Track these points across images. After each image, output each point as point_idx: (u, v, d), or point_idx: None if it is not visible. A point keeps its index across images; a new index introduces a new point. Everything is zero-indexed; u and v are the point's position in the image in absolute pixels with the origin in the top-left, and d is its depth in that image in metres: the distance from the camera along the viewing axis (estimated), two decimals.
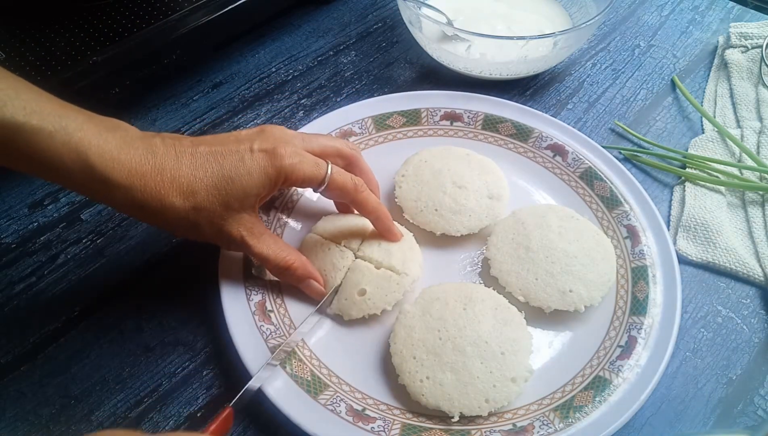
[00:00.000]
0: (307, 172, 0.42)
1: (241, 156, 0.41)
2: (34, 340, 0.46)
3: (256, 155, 0.41)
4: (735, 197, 0.55)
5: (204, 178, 0.40)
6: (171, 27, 0.59)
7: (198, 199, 0.40)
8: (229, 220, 0.41)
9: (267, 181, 0.41)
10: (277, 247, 0.43)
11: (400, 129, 0.58)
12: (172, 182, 0.39)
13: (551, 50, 0.59)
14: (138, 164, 0.39)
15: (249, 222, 0.42)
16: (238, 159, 0.41)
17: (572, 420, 0.40)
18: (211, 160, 0.40)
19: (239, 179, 0.40)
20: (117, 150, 0.38)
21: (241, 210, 0.42)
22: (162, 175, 0.39)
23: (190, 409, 0.43)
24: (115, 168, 0.38)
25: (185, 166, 0.40)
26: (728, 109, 0.62)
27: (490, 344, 0.42)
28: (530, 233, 0.48)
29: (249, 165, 0.41)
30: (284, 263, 0.44)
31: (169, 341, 0.46)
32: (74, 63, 0.55)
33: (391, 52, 0.69)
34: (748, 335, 0.47)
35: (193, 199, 0.40)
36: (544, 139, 0.56)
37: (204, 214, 0.41)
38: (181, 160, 0.40)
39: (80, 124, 0.37)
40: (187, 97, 0.64)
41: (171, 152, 0.40)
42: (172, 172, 0.40)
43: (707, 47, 0.69)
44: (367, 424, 0.40)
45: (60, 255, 0.51)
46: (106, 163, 0.38)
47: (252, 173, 0.41)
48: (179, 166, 0.40)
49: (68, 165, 0.37)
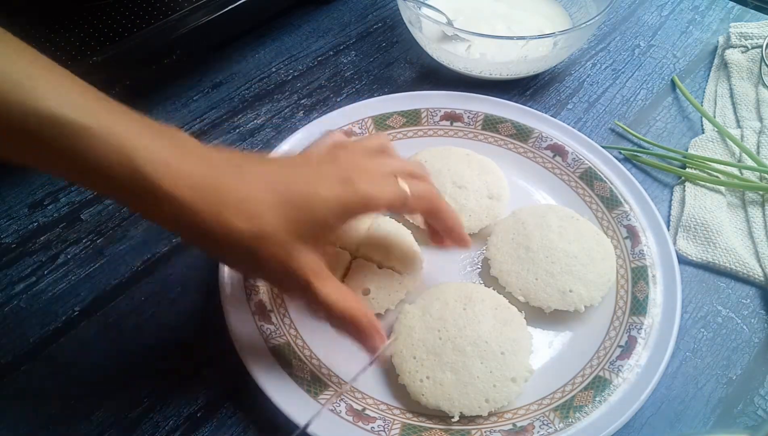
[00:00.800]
0: (386, 197, 0.38)
1: (314, 182, 0.36)
2: (33, 340, 0.46)
3: (330, 182, 0.36)
4: (735, 197, 0.55)
5: (272, 202, 0.35)
6: (171, 27, 0.59)
7: (262, 223, 0.34)
8: (294, 254, 0.35)
9: (341, 210, 0.36)
10: (342, 294, 0.37)
11: (400, 129, 0.58)
12: (235, 202, 0.34)
13: (551, 50, 0.59)
14: (194, 175, 0.33)
15: (315, 263, 0.36)
16: (311, 185, 0.36)
17: (572, 420, 0.40)
18: (280, 183, 0.35)
19: (310, 206, 0.35)
20: (171, 157, 0.33)
21: (309, 243, 0.36)
22: (220, 191, 0.34)
23: (190, 409, 0.43)
24: (166, 176, 0.32)
25: (249, 184, 0.35)
26: (728, 109, 0.62)
27: (490, 343, 0.42)
28: (530, 233, 0.48)
29: (323, 193, 0.36)
30: (349, 314, 0.37)
31: (168, 340, 0.46)
32: (74, 63, 0.55)
33: (391, 52, 0.69)
34: (748, 335, 0.47)
35: (257, 222, 0.34)
36: (544, 139, 0.56)
37: (267, 244, 0.34)
38: (245, 178, 0.35)
39: (133, 126, 0.33)
40: (187, 97, 0.64)
41: (234, 170, 0.35)
42: (235, 193, 0.34)
43: (707, 47, 0.69)
44: (367, 424, 0.40)
45: (60, 255, 0.51)
46: (158, 169, 0.32)
47: (325, 201, 0.36)
48: (242, 184, 0.34)
49: (115, 169, 0.31)
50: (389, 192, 0.38)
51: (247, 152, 0.38)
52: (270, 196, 0.35)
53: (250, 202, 0.34)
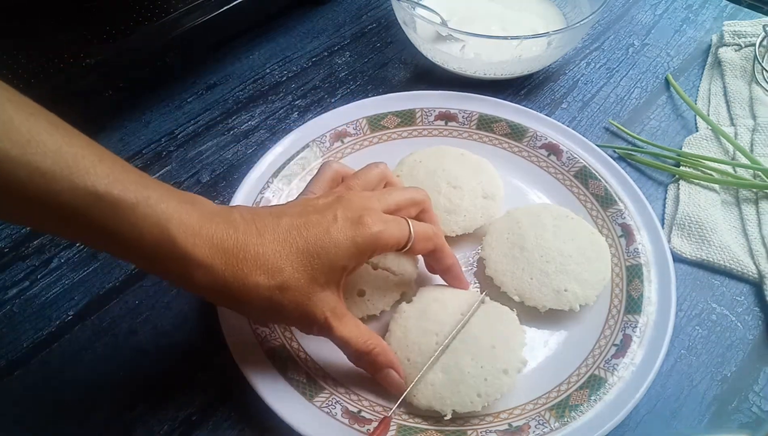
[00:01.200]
0: (395, 238, 0.40)
1: (326, 228, 0.38)
2: (27, 345, 0.45)
3: (341, 225, 0.38)
4: (729, 195, 0.55)
5: (290, 255, 0.37)
6: (165, 29, 0.59)
7: (285, 277, 0.37)
8: (313, 298, 0.38)
9: (356, 251, 0.38)
10: (359, 330, 0.40)
11: (394, 129, 0.58)
12: (256, 260, 0.36)
13: (545, 50, 0.59)
14: (220, 240, 0.35)
15: (332, 302, 0.39)
16: (323, 231, 0.38)
17: (568, 419, 0.40)
18: (294, 234, 0.37)
19: (326, 252, 0.37)
20: (198, 224, 0.35)
21: (326, 287, 0.38)
22: (245, 252, 0.36)
23: (185, 413, 0.42)
24: (197, 244, 0.34)
25: (268, 242, 0.37)
26: (722, 107, 0.62)
27: (479, 338, 0.42)
28: (525, 232, 0.48)
29: (335, 236, 0.38)
30: (365, 348, 0.40)
31: (163, 344, 0.46)
32: (67, 66, 0.55)
33: (385, 52, 0.69)
34: (742, 332, 0.47)
35: (280, 276, 0.37)
36: (539, 138, 0.56)
37: (289, 294, 0.37)
38: (264, 236, 0.37)
39: (162, 196, 0.34)
40: (181, 99, 0.64)
41: (252, 228, 0.37)
42: (256, 249, 0.36)
43: (701, 46, 0.69)
44: (363, 426, 0.40)
45: (53, 259, 0.50)
46: (188, 238, 0.34)
47: (339, 245, 0.38)
48: (262, 242, 0.37)
49: (147, 240, 0.33)
50: (398, 233, 0.40)
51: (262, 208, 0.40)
52: (287, 249, 0.37)
53: (269, 257, 0.36)
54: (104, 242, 0.34)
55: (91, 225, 0.32)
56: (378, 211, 0.40)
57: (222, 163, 0.58)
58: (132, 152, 0.59)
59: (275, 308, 0.38)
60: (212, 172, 0.57)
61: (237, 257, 0.36)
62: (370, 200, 0.41)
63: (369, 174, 0.45)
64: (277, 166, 0.54)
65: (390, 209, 0.42)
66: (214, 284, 0.36)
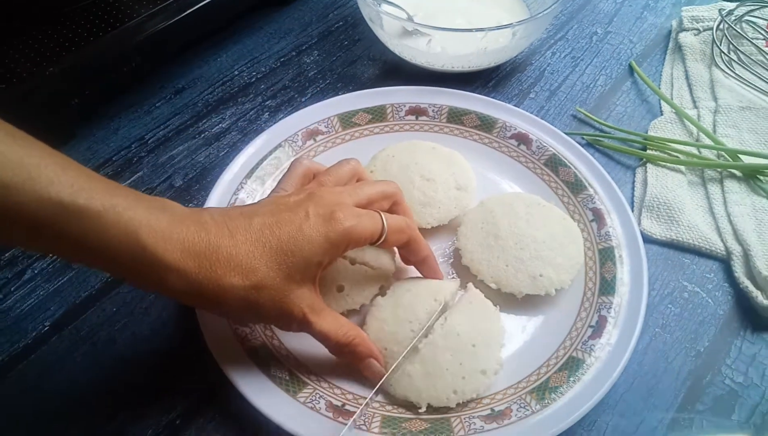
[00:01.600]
0: (368, 231, 0.40)
1: (298, 225, 0.38)
2: (3, 358, 0.45)
3: (313, 222, 0.38)
4: (695, 176, 0.56)
5: (263, 254, 0.37)
6: (129, 34, 0.59)
7: (259, 277, 0.37)
8: (290, 296, 0.38)
9: (329, 246, 0.38)
10: (338, 323, 0.40)
11: (366, 126, 0.58)
12: (230, 261, 0.36)
13: (510, 41, 0.60)
14: (191, 243, 0.35)
15: (310, 298, 0.39)
16: (296, 228, 0.38)
17: (548, 401, 0.41)
18: (267, 233, 0.37)
19: (299, 249, 0.37)
20: (169, 229, 0.35)
21: (302, 283, 0.38)
22: (218, 254, 0.36)
23: (168, 417, 0.42)
24: (167, 248, 0.34)
25: (241, 243, 0.37)
26: (684, 90, 0.64)
27: (461, 336, 0.42)
28: (498, 221, 0.49)
29: (308, 233, 0.38)
30: (345, 340, 0.40)
31: (143, 350, 0.45)
32: (30, 75, 0.54)
33: (353, 49, 0.69)
34: (713, 308, 0.48)
35: (254, 276, 0.37)
36: (508, 128, 0.57)
37: (265, 293, 0.37)
38: (236, 237, 0.37)
39: (130, 203, 0.34)
40: (149, 105, 0.63)
41: (224, 229, 0.37)
42: (228, 251, 0.36)
43: (662, 31, 0.71)
44: (347, 419, 0.40)
45: (26, 271, 0.50)
46: (158, 243, 0.34)
47: (312, 242, 0.38)
48: (235, 244, 0.37)
49: (117, 248, 0.33)
50: (371, 226, 0.40)
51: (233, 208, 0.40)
52: (260, 249, 0.37)
53: (242, 257, 0.36)
54: (74, 252, 0.34)
55: (59, 236, 0.32)
56: (350, 205, 0.41)
57: (194, 166, 0.58)
58: (102, 160, 0.58)
59: (252, 307, 0.38)
60: (185, 176, 0.57)
61: (210, 260, 0.36)
62: (341, 195, 0.41)
63: (340, 170, 0.45)
64: (250, 166, 0.53)
65: (362, 203, 0.42)
66: (189, 288, 0.35)
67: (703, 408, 0.43)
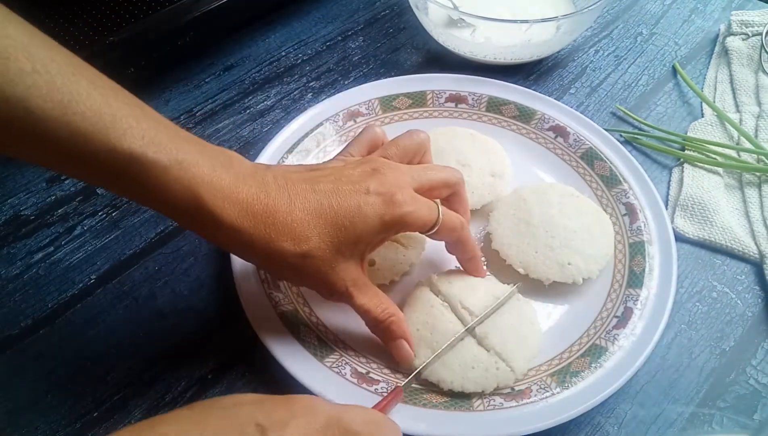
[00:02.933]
0: (422, 220, 0.40)
1: (356, 201, 0.38)
2: (52, 305, 0.48)
3: (372, 200, 0.39)
4: (732, 179, 0.56)
5: (317, 225, 0.38)
6: (186, 9, 0.61)
7: (310, 246, 0.38)
8: (336, 268, 0.39)
9: (383, 227, 0.39)
10: (378, 299, 0.41)
11: (406, 110, 0.60)
12: (284, 226, 0.37)
13: (554, 34, 0.61)
14: (249, 204, 0.37)
15: (354, 272, 0.40)
16: (354, 204, 0.38)
17: (568, 384, 0.41)
18: (325, 204, 0.38)
19: (353, 225, 0.38)
20: (230, 188, 0.36)
21: (350, 258, 0.39)
22: (274, 217, 0.37)
23: (200, 372, 0.44)
24: (225, 208, 0.36)
25: (298, 211, 0.38)
26: (728, 94, 0.63)
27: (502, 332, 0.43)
28: (531, 209, 0.49)
29: (365, 211, 0.38)
30: (382, 316, 0.41)
31: (181, 307, 0.48)
32: (91, 43, 0.57)
33: (398, 37, 0.71)
34: (742, 309, 0.48)
35: (305, 245, 0.38)
36: (547, 120, 0.57)
37: (313, 262, 0.38)
38: (294, 203, 0.38)
39: (195, 159, 0.35)
40: (199, 79, 0.66)
41: (284, 194, 0.38)
42: (284, 216, 0.37)
43: (709, 35, 0.70)
44: (371, 386, 0.42)
45: (77, 227, 0.53)
46: (217, 202, 0.36)
47: (367, 221, 0.38)
48: (292, 209, 0.37)
49: (179, 200, 0.35)
50: (426, 216, 0.41)
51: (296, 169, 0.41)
52: (316, 219, 0.38)
53: (297, 225, 0.38)
54: (140, 199, 0.37)
55: (129, 184, 0.35)
56: (410, 189, 0.40)
57: (239, 140, 0.60)
58: None
59: (297, 271, 0.39)
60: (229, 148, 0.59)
61: (265, 222, 0.37)
62: (404, 176, 0.41)
63: (408, 142, 0.45)
64: (293, 142, 0.55)
65: (423, 188, 0.42)
66: (240, 243, 0.37)
67: (725, 405, 0.43)
